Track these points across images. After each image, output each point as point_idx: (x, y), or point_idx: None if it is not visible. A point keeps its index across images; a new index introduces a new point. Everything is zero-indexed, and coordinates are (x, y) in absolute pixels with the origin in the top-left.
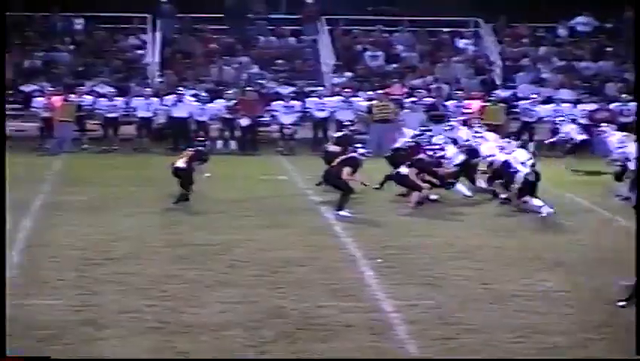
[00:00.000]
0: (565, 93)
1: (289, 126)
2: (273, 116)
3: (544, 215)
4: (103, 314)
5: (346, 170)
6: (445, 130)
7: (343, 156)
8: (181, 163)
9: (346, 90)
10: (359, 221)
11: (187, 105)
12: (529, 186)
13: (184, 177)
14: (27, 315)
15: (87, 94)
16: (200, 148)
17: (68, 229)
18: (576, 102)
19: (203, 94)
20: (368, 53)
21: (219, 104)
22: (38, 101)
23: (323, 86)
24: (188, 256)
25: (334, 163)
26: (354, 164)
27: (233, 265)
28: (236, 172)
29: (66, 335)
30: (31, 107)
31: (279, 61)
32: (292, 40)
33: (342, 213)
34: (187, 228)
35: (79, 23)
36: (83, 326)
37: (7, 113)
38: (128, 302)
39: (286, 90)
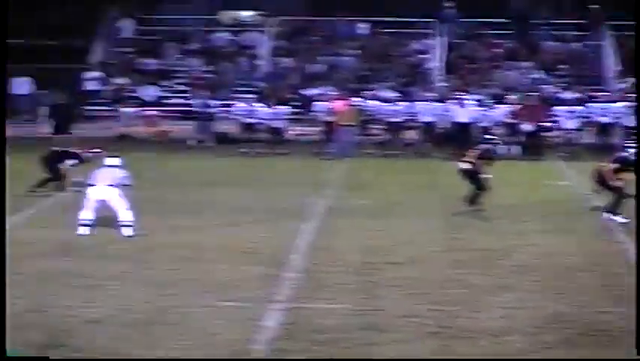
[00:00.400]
0: None
1: (572, 131)
2: (555, 121)
3: None
4: (383, 318)
5: (611, 169)
6: None
7: (613, 158)
8: (466, 164)
9: (631, 95)
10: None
11: (470, 110)
12: None
13: (472, 176)
14: (309, 318)
15: (371, 98)
16: (487, 147)
17: (350, 233)
18: None
19: (487, 99)
20: None
21: (502, 109)
22: (320, 105)
23: (607, 91)
24: (468, 261)
25: (604, 166)
26: (623, 165)
27: (513, 270)
28: (518, 177)
29: (346, 338)
30: (312, 111)
31: (563, 66)
32: (576, 45)
33: (615, 217)
34: (468, 233)
35: (363, 28)
36: (363, 330)
37: (290, 117)
38: (408, 306)
39: (569, 95)
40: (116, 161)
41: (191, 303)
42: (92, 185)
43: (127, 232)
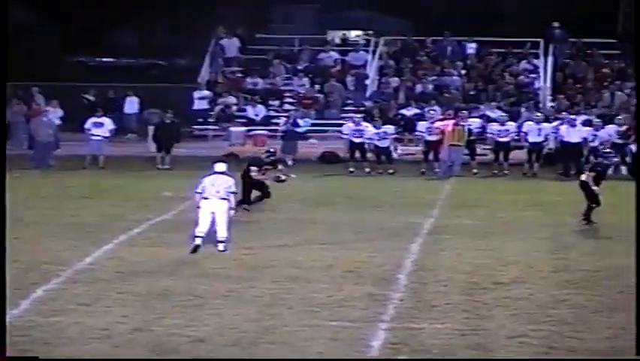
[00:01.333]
0: None
1: None
2: None
3: None
4: (490, 339)
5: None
6: None
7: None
8: (584, 176)
9: None
10: None
11: (579, 130)
12: None
13: (587, 189)
14: (414, 338)
15: (478, 118)
16: (600, 161)
17: (456, 253)
18: None
19: (595, 119)
20: None
21: (611, 130)
22: (422, 124)
23: None
24: (575, 281)
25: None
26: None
27: (623, 290)
28: (626, 197)
29: (452, 358)
30: (418, 131)
31: None
32: None
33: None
34: (575, 253)
35: (470, 47)
36: (469, 350)
37: (396, 136)
38: (515, 327)
39: None
40: (225, 167)
41: (297, 322)
42: (206, 198)
43: (220, 247)
